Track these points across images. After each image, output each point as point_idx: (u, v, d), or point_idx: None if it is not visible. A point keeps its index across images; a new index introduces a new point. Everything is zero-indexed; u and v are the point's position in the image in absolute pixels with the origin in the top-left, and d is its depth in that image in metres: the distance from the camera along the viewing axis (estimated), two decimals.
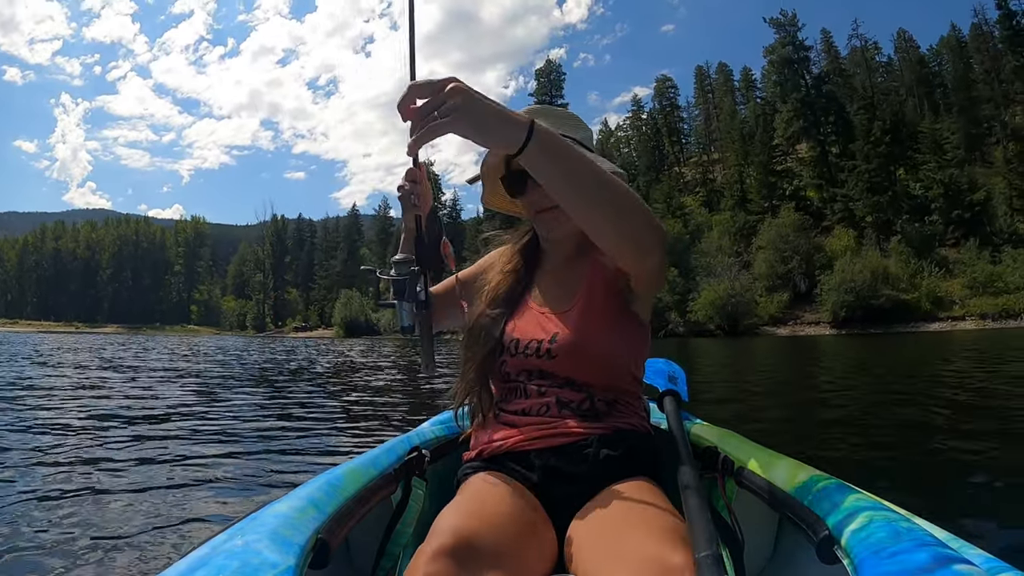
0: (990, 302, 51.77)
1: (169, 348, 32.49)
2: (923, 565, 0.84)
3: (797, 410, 8.41)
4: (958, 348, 22.24)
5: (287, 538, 1.05)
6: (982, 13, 78.74)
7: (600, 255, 1.57)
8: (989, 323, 49.79)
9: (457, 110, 1.06)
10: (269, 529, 1.06)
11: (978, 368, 13.71)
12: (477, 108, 1.07)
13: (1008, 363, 14.87)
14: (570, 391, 1.49)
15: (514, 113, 1.13)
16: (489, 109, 1.08)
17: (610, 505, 1.25)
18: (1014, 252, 53.92)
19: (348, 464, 1.55)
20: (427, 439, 1.94)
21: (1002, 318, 49.90)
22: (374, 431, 6.61)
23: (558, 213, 1.56)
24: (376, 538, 1.54)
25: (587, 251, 1.63)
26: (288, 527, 1.09)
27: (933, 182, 63.01)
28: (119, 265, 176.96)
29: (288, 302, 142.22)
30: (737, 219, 74.88)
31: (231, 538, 1.03)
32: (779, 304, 62.50)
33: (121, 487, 4.13)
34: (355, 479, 1.44)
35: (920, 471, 4.65)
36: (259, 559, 0.95)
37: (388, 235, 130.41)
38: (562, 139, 1.16)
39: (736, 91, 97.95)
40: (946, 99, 77.27)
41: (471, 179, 1.75)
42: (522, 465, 1.46)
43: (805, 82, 79.81)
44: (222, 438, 6.02)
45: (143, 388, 11.03)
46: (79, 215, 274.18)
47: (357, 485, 1.42)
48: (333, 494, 1.32)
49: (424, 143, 1.09)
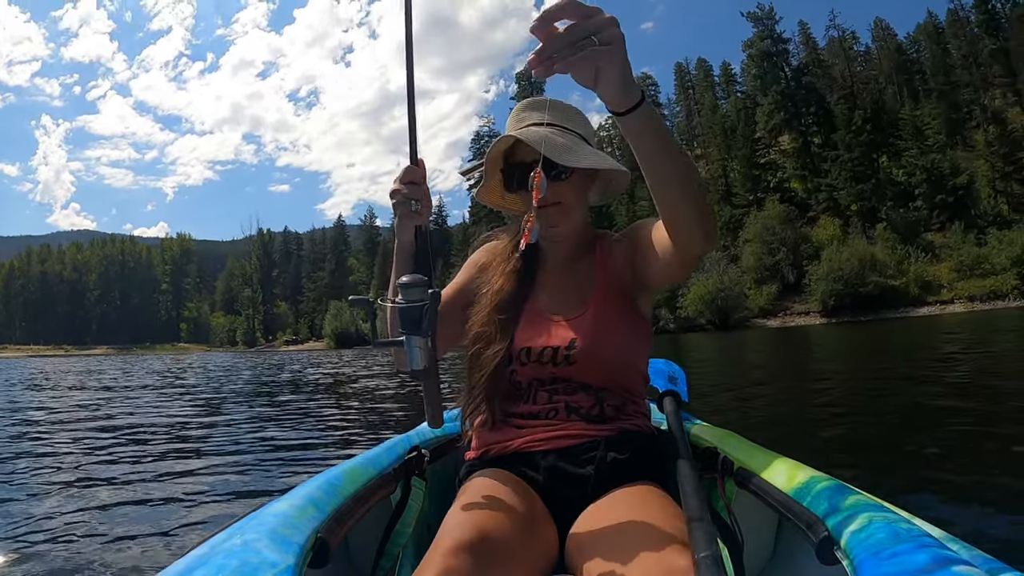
0: (978, 284, 52.36)
1: (160, 368, 32.07)
2: (923, 566, 0.83)
3: (791, 400, 8.38)
4: (948, 331, 22.36)
5: (286, 537, 1.05)
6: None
7: (603, 254, 1.61)
8: (978, 305, 50.31)
9: (616, 41, 0.94)
10: (268, 528, 1.06)
11: (968, 351, 13.76)
12: (624, 49, 0.96)
13: (999, 344, 14.98)
14: (583, 395, 1.48)
15: None
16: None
17: (614, 508, 1.25)
18: (999, 234, 54.33)
19: (347, 464, 1.54)
20: (427, 439, 1.93)
21: (990, 299, 50.53)
22: (370, 436, 6.58)
23: (561, 209, 1.54)
24: (376, 538, 1.54)
25: (586, 250, 1.65)
26: (287, 526, 1.09)
27: (916, 168, 63.51)
28: (106, 286, 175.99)
29: (278, 316, 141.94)
30: (723, 213, 74.94)
31: (230, 537, 1.03)
32: (768, 296, 62.83)
33: (120, 499, 4.24)
34: (354, 479, 1.44)
35: (920, 467, 4.48)
36: (258, 558, 0.95)
37: (375, 245, 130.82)
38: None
39: (716, 86, 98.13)
40: (925, 85, 77.76)
41: (466, 170, 1.74)
42: (527, 465, 1.44)
43: (785, 75, 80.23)
44: (222, 453, 6.00)
45: (138, 407, 10.94)
46: (64, 237, 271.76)
47: (356, 485, 1.42)
48: (333, 494, 1.33)
49: (572, 70, 0.96)
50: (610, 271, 1.56)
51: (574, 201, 1.57)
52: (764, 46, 79.86)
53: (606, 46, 0.93)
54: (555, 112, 1.55)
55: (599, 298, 1.53)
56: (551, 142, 1.42)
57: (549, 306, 1.57)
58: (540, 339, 1.50)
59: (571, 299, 1.56)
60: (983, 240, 55.33)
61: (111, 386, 16.95)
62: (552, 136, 1.46)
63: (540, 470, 1.41)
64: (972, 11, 74.50)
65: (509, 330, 1.52)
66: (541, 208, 1.46)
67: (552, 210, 1.51)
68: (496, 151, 1.57)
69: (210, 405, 10.91)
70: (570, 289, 1.58)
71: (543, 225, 1.51)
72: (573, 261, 1.63)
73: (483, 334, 1.53)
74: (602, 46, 0.93)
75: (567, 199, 1.54)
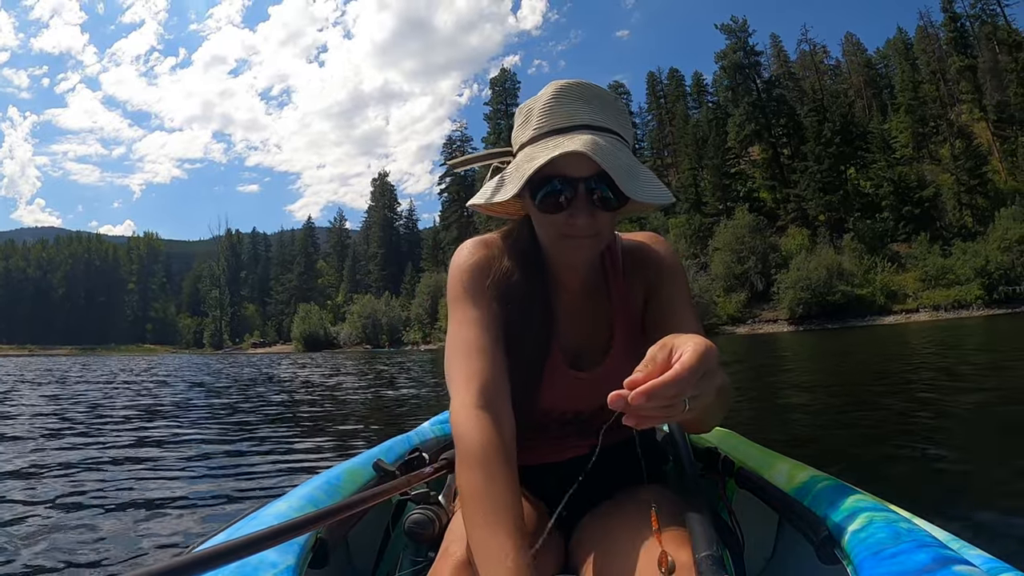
0: (942, 294, 53.40)
1: (126, 369, 31.16)
2: (923, 566, 0.83)
3: (763, 401, 8.45)
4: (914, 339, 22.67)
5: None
6: (927, 16, 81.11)
7: (615, 276, 1.39)
8: (942, 314, 51.30)
9: (707, 394, 0.83)
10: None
11: (936, 357, 13.87)
12: (716, 383, 0.84)
13: (966, 351, 15.23)
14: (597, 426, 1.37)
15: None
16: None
17: (616, 509, 1.24)
18: (963, 245, 55.45)
19: (347, 463, 1.55)
20: (427, 439, 1.92)
21: (954, 308, 51.75)
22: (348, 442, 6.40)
23: (596, 241, 1.24)
24: (376, 538, 1.54)
25: (602, 279, 1.40)
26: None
27: (883, 180, 64.55)
28: (72, 285, 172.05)
29: (245, 318, 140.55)
30: (693, 222, 75.39)
31: (230, 537, 0.99)
32: (737, 304, 63.34)
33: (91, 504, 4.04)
34: (354, 479, 1.46)
35: (890, 464, 4.51)
36: (259, 558, 0.94)
37: (345, 248, 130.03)
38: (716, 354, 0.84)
39: (688, 96, 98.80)
40: (893, 100, 79.12)
41: (455, 162, 1.47)
42: (532, 476, 1.36)
43: (756, 86, 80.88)
44: (191, 460, 5.68)
45: (106, 413, 10.04)
46: (29, 233, 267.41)
47: (356, 485, 1.44)
48: (333, 494, 1.34)
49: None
50: (631, 315, 1.38)
51: (609, 231, 1.29)
52: (737, 58, 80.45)
53: (695, 404, 0.80)
54: (605, 109, 1.20)
55: (622, 348, 1.36)
56: (615, 163, 1.12)
57: (571, 358, 1.35)
58: (563, 403, 1.36)
59: (591, 345, 1.37)
60: (948, 251, 56.44)
61: (78, 391, 16.12)
62: (616, 153, 1.14)
63: (546, 479, 1.36)
64: (942, 28, 75.77)
65: (532, 393, 1.33)
66: (571, 237, 1.21)
67: (586, 242, 1.22)
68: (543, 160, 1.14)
69: (169, 410, 10.22)
70: (590, 334, 1.37)
71: (572, 254, 1.26)
72: (590, 294, 1.39)
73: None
74: (692, 405, 0.80)
75: (605, 231, 1.24)
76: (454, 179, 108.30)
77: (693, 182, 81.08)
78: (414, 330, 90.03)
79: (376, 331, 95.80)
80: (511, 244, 1.35)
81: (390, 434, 1.94)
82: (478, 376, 1.17)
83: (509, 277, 1.31)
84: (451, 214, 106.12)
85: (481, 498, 1.02)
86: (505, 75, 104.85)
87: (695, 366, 0.78)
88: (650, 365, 0.82)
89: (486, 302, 1.27)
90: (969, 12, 73.84)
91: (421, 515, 1.25)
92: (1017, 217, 52.21)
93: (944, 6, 74.16)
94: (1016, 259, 49.57)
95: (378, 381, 16.24)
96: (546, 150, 1.14)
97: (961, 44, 72.08)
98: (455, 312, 1.29)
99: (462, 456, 1.08)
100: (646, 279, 1.37)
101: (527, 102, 1.26)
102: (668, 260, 1.38)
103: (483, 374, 1.17)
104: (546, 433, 1.38)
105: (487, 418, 1.11)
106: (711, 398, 0.84)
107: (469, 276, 1.30)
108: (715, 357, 0.82)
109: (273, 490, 4.42)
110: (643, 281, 1.37)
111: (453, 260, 1.34)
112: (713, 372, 0.82)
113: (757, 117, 78.37)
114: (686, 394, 0.78)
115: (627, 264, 1.40)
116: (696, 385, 0.79)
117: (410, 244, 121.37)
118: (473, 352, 1.21)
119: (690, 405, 0.79)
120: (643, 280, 1.37)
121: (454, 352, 1.23)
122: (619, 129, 1.20)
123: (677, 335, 0.85)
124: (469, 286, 1.29)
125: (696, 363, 0.78)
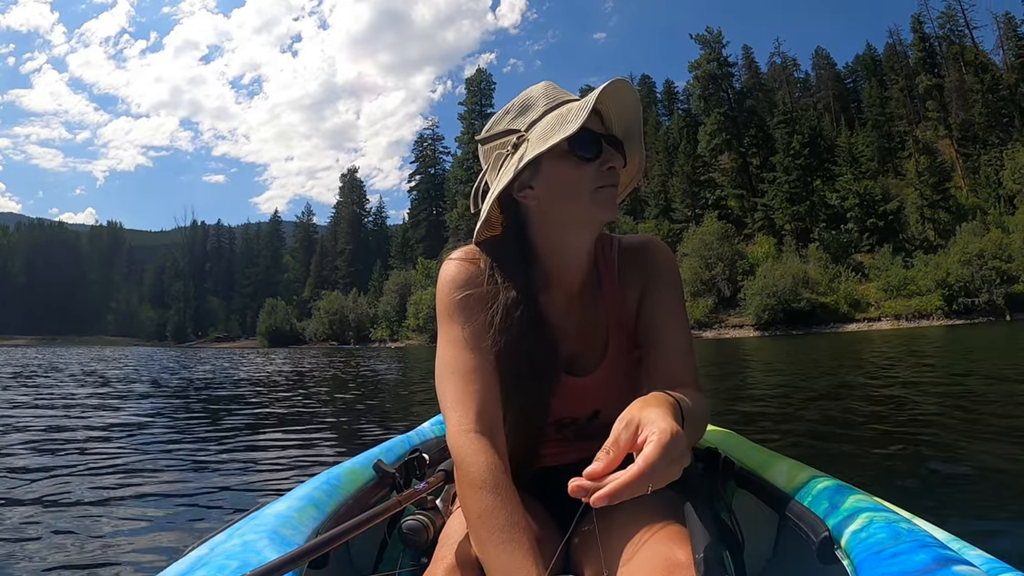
0: (904, 304, 54.14)
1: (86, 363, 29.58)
2: (923, 566, 0.82)
3: (735, 401, 8.61)
4: (876, 346, 23.24)
5: (287, 538, 1.04)
6: (897, 34, 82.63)
7: (609, 277, 1.39)
8: (903, 323, 52.25)
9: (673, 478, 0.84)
10: (269, 529, 1.05)
11: (895, 363, 14.33)
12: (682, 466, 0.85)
13: (924, 356, 15.88)
14: (596, 431, 1.34)
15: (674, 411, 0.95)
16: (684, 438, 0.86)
17: (616, 508, 1.10)
18: (925, 257, 56.59)
19: (347, 464, 1.57)
20: (427, 439, 1.94)
21: (915, 318, 52.70)
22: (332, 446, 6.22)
23: (618, 194, 1.29)
24: (375, 538, 1.55)
25: (596, 282, 1.40)
26: (288, 527, 1.08)
27: (849, 192, 65.32)
28: (32, 273, 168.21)
29: (209, 311, 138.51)
30: (662, 228, 75.59)
31: (230, 538, 1.02)
32: (705, 309, 63.43)
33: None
34: (354, 479, 1.47)
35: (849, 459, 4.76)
36: (259, 559, 0.93)
37: (312, 242, 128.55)
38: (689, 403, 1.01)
39: (659, 103, 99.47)
40: (860, 115, 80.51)
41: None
42: (531, 479, 1.37)
43: (728, 97, 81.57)
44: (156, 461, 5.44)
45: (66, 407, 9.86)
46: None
47: (356, 485, 1.45)
48: (333, 494, 1.33)
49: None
50: (625, 319, 1.38)
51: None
52: (710, 68, 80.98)
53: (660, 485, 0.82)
54: (628, 100, 1.31)
55: (616, 346, 1.36)
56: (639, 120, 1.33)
57: (567, 363, 1.34)
58: (560, 409, 1.35)
59: (587, 350, 1.36)
60: (910, 263, 57.39)
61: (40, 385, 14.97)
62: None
63: (544, 482, 1.36)
64: (911, 48, 77.28)
65: (538, 399, 1.31)
66: (604, 188, 1.23)
67: (616, 192, 1.26)
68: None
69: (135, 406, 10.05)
70: (585, 338, 1.36)
71: (601, 212, 1.24)
72: (590, 296, 1.38)
73: (507, 405, 1.27)
74: (656, 488, 0.82)
75: (619, 187, 1.30)
76: (423, 177, 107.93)
77: (663, 188, 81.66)
78: (382, 327, 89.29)
79: (343, 328, 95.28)
80: (500, 254, 1.31)
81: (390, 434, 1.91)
82: (473, 398, 1.17)
83: (500, 288, 1.27)
84: (420, 211, 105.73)
85: (494, 520, 1.03)
86: (481, 76, 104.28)
87: (657, 462, 0.78)
88: (612, 451, 0.83)
89: (476, 318, 1.25)
90: (938, 33, 75.57)
91: (415, 522, 1.23)
92: (977, 232, 53.14)
93: (914, 27, 75.78)
94: (975, 272, 50.48)
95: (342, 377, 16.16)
96: (579, 105, 1.19)
97: (929, 64, 73.49)
98: (445, 330, 1.27)
99: (468, 480, 1.08)
100: (640, 280, 1.37)
101: (519, 96, 1.30)
102: (664, 264, 1.38)
103: (477, 396, 1.17)
104: (543, 438, 1.38)
105: (487, 441, 1.12)
106: (678, 476, 0.83)
107: (458, 292, 1.27)
108: (681, 444, 0.81)
109: (245, 492, 4.40)
110: (637, 282, 1.37)
111: (440, 276, 1.32)
112: (680, 458, 0.81)
113: (728, 127, 78.94)
114: (648, 485, 0.79)
115: (623, 263, 1.40)
116: (661, 474, 0.80)
117: (378, 241, 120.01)
118: (465, 373, 1.19)
119: (655, 487, 0.80)
120: (637, 281, 1.37)
121: (446, 373, 1.21)
122: (637, 119, 1.33)
123: (645, 406, 0.88)
124: (459, 303, 1.27)
125: (659, 458, 0.78)
